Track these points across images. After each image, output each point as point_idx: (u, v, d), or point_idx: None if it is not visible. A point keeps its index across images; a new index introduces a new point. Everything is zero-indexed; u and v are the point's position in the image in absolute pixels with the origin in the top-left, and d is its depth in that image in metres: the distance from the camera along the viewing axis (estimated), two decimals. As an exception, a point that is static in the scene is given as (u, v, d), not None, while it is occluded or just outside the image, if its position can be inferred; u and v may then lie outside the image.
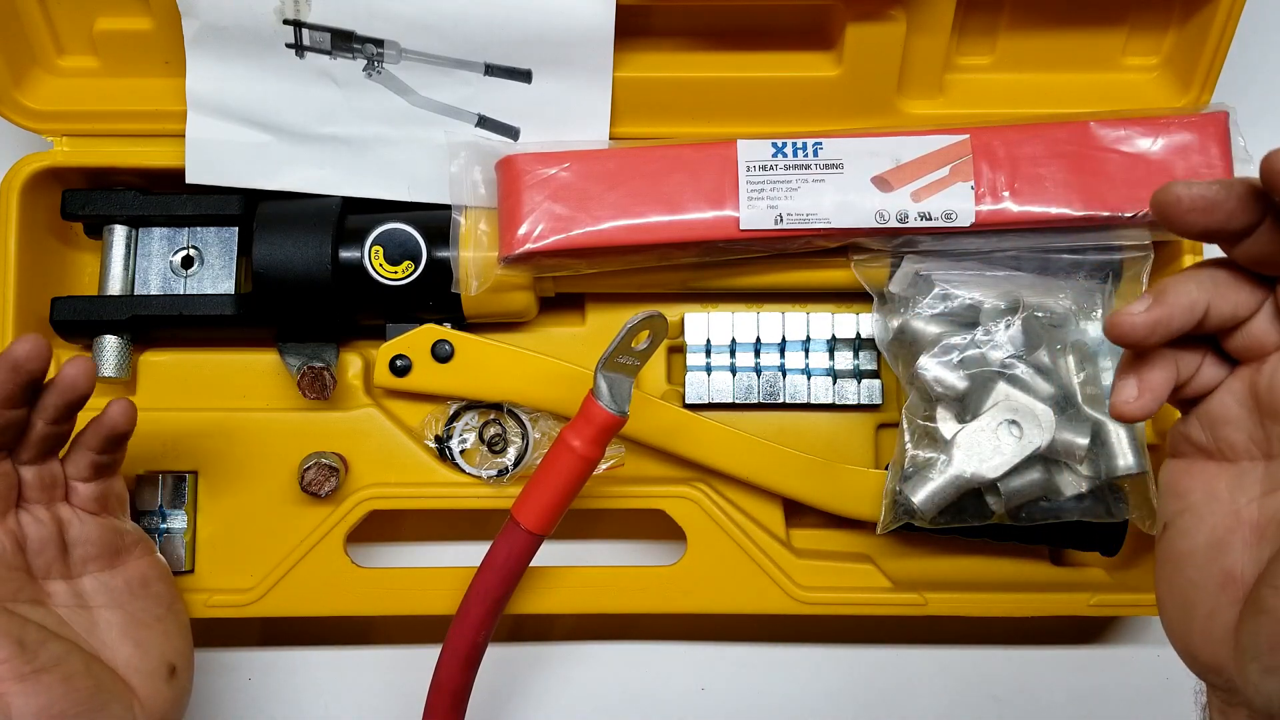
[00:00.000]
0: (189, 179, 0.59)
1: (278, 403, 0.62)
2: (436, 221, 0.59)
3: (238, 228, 0.61)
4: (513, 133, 0.59)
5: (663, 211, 0.56)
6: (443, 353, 0.59)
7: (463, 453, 0.61)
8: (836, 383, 0.62)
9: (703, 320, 0.62)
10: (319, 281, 0.58)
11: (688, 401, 0.62)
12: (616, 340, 0.50)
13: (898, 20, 0.56)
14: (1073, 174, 0.55)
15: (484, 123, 0.59)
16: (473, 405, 0.61)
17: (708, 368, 0.62)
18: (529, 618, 0.62)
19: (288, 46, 0.57)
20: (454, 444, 0.61)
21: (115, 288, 0.60)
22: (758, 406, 0.62)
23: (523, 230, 0.56)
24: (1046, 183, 0.55)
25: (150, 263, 0.61)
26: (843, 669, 0.66)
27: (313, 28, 0.56)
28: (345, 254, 0.58)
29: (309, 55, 0.57)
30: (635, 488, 0.60)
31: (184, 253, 0.61)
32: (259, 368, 0.63)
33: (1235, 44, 0.57)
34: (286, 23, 0.56)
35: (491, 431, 0.61)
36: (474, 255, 0.57)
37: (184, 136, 0.59)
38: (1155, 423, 0.59)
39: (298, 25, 0.56)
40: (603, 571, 0.60)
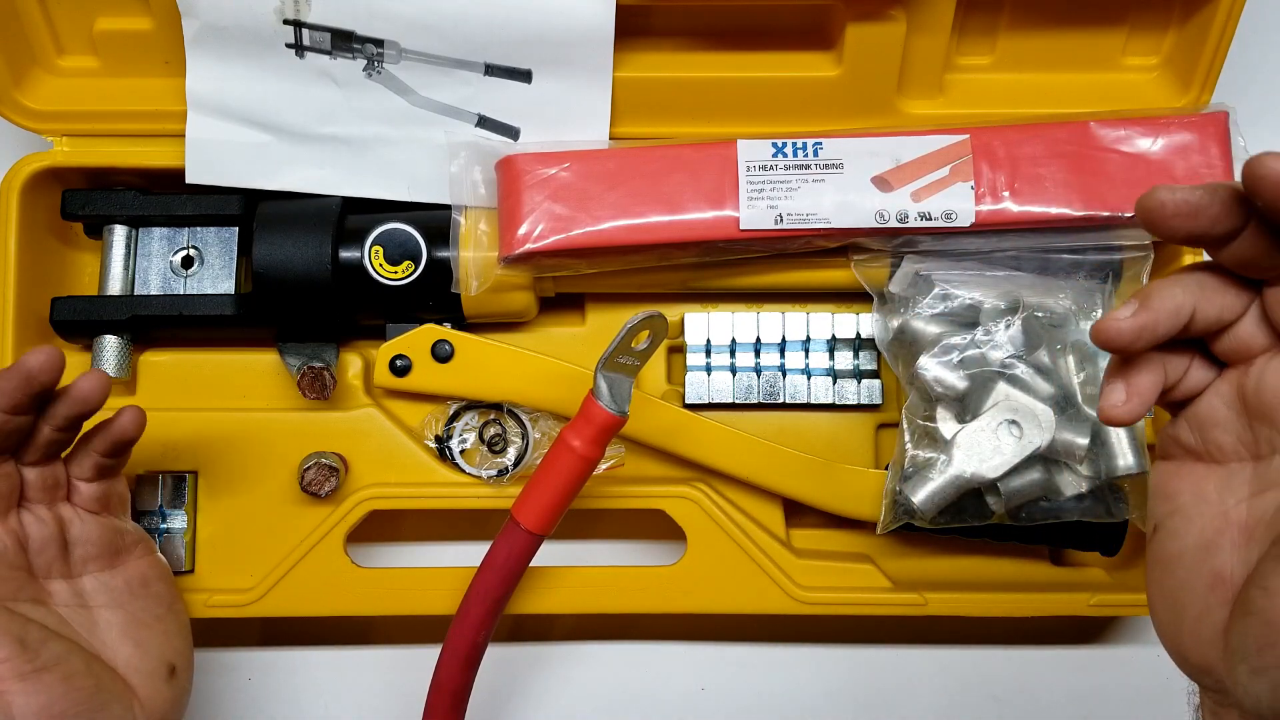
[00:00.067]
0: (189, 179, 0.59)
1: (278, 403, 0.62)
2: (436, 221, 0.59)
3: (238, 228, 0.61)
4: (513, 133, 0.59)
5: (663, 211, 0.56)
6: (443, 353, 0.59)
7: (463, 453, 0.61)
8: (836, 383, 0.62)
9: (703, 320, 0.62)
10: (319, 281, 0.58)
11: (688, 401, 0.62)
12: (616, 340, 0.50)
13: (898, 20, 0.56)
14: (1073, 174, 0.55)
15: (484, 123, 0.59)
16: (473, 405, 0.61)
17: (708, 368, 0.62)
18: (529, 618, 0.62)
19: (288, 46, 0.57)
20: (454, 444, 0.61)
21: (115, 288, 0.60)
22: (758, 406, 0.62)
23: (523, 230, 0.56)
24: (1046, 183, 0.55)
25: (150, 263, 0.61)
26: (843, 669, 0.66)
27: (313, 28, 0.56)
28: (345, 254, 0.58)
29: (309, 55, 0.57)
30: (635, 488, 0.60)
31: (184, 253, 0.61)
32: (259, 368, 0.63)
33: (1235, 44, 0.57)
34: (286, 23, 0.56)
35: (491, 431, 0.61)
36: (474, 255, 0.57)
37: (184, 136, 0.59)
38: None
39: (298, 25, 0.56)
40: (603, 571, 0.60)
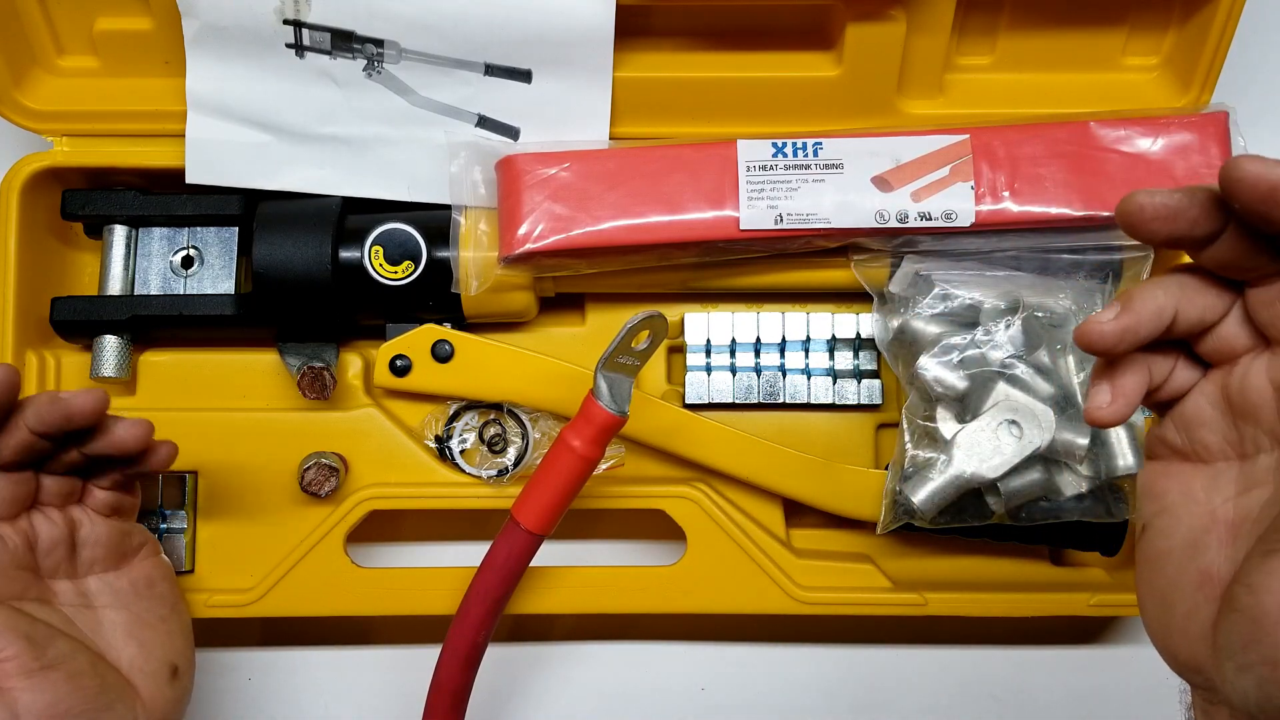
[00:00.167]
0: (189, 179, 0.59)
1: (278, 403, 0.62)
2: (436, 221, 0.59)
3: (238, 228, 0.61)
4: (513, 133, 0.59)
5: (663, 211, 0.56)
6: (443, 353, 0.59)
7: (463, 453, 0.61)
8: (836, 383, 0.62)
9: (703, 320, 0.62)
10: (319, 281, 0.58)
11: (688, 401, 0.62)
12: (616, 340, 0.50)
13: (898, 20, 0.56)
14: (1073, 174, 0.55)
15: (484, 123, 0.59)
16: (473, 405, 0.61)
17: (708, 368, 0.62)
18: (529, 618, 0.62)
19: (288, 46, 0.57)
20: (454, 444, 0.61)
21: (115, 288, 0.60)
22: (758, 406, 0.62)
23: (523, 230, 0.56)
24: (1046, 183, 0.55)
25: (150, 263, 0.61)
26: (843, 669, 0.66)
27: (313, 28, 0.56)
28: (345, 254, 0.58)
29: (309, 55, 0.57)
30: (635, 488, 0.60)
31: (184, 253, 0.61)
32: (259, 368, 0.63)
33: (1235, 44, 0.57)
34: (286, 23, 0.56)
35: (491, 431, 0.61)
36: (474, 255, 0.57)
37: (184, 136, 0.59)
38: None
39: (298, 25, 0.56)
40: (603, 571, 0.60)
